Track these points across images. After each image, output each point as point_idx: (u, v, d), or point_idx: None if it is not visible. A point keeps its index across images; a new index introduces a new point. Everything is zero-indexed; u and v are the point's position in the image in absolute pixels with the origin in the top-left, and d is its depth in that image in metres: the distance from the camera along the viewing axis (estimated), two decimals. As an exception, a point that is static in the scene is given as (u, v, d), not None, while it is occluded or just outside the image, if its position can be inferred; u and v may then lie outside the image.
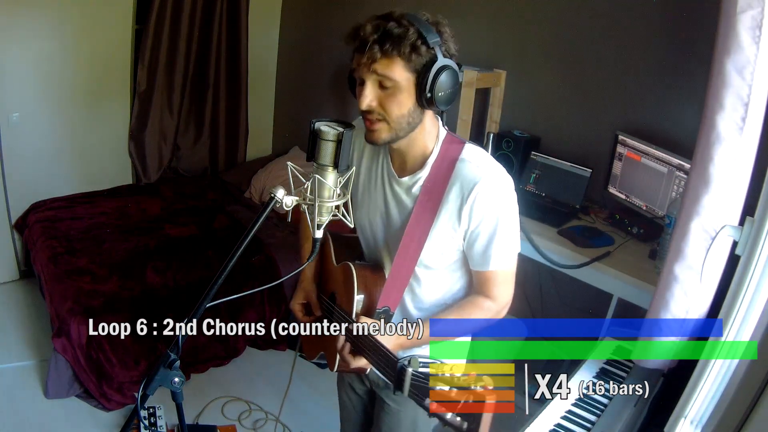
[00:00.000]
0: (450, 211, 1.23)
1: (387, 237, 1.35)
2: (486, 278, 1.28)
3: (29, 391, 2.55)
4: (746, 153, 1.34)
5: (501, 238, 1.23)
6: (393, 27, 1.11)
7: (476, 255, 1.26)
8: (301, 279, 1.51)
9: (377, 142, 1.21)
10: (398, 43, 1.10)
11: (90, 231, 3.15)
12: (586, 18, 2.57)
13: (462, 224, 1.23)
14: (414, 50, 1.11)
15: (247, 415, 2.57)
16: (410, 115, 1.17)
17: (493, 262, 1.25)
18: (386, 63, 1.12)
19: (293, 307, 1.50)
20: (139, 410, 1.14)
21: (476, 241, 1.24)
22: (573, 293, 2.60)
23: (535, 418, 1.45)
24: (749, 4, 1.24)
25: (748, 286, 1.26)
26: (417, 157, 1.26)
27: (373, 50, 1.11)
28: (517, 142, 2.76)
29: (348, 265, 1.34)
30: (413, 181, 1.27)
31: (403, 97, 1.15)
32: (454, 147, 1.25)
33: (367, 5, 3.37)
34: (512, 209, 1.25)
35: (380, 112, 1.17)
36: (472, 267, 1.29)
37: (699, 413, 1.40)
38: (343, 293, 1.38)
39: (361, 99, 1.16)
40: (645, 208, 2.39)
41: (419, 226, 1.25)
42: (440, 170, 1.24)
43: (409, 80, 1.14)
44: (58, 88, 3.32)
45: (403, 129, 1.19)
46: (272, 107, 4.31)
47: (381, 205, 1.33)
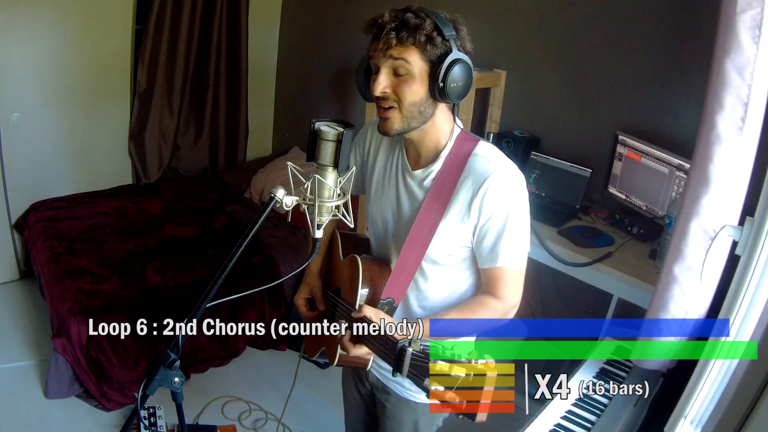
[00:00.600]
0: (460, 205, 1.23)
1: (397, 230, 1.34)
2: (494, 276, 1.27)
3: (29, 391, 2.55)
4: (746, 153, 1.34)
5: (510, 234, 1.23)
6: (410, 17, 1.14)
7: (485, 251, 1.25)
8: (306, 274, 1.51)
9: (390, 132, 1.22)
10: (414, 32, 1.13)
11: (90, 231, 3.15)
12: (586, 18, 2.57)
13: (471, 218, 1.23)
14: (429, 40, 1.14)
15: (247, 415, 2.57)
16: (422, 104, 1.19)
17: (502, 258, 1.24)
18: (401, 49, 1.14)
19: (297, 301, 1.50)
20: (139, 410, 1.14)
21: (485, 237, 1.24)
22: (573, 293, 2.61)
23: (535, 418, 1.45)
24: (749, 4, 1.24)
25: (748, 286, 1.26)
26: (430, 151, 1.27)
27: (389, 36, 1.13)
28: (517, 142, 2.76)
29: (355, 258, 1.35)
30: (426, 173, 1.27)
31: (417, 85, 1.17)
32: (468, 143, 1.26)
33: (367, 5, 3.38)
34: (523, 206, 1.25)
35: (393, 99, 1.18)
36: (480, 265, 1.28)
37: (699, 413, 1.40)
38: (348, 287, 1.38)
39: (375, 85, 1.17)
40: (645, 208, 2.40)
41: (428, 219, 1.25)
42: (453, 164, 1.24)
43: (423, 69, 1.16)
44: (58, 88, 3.32)
45: (415, 118, 1.20)
46: (272, 107, 4.31)
47: (393, 197, 1.34)
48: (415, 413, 1.44)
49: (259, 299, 2.85)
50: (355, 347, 1.22)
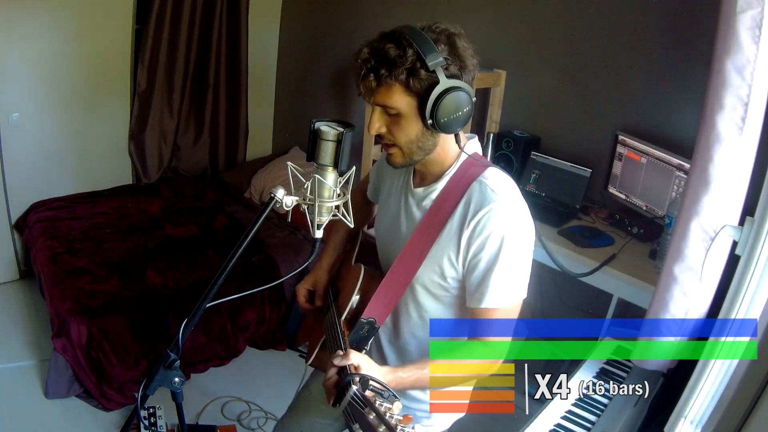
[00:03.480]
0: (453, 231, 1.16)
1: (394, 248, 1.30)
2: (479, 316, 1.16)
3: (29, 391, 2.55)
4: (746, 153, 1.34)
5: (501, 272, 1.13)
6: (390, 50, 1.05)
7: (471, 286, 1.16)
8: (316, 266, 1.48)
9: (394, 165, 1.20)
10: (393, 69, 1.05)
11: (90, 231, 3.14)
12: (585, 18, 2.57)
13: (462, 246, 1.15)
14: (411, 74, 1.06)
15: (247, 415, 2.57)
16: (419, 139, 1.14)
17: (490, 297, 1.14)
18: (384, 91, 1.09)
19: (298, 289, 1.48)
20: (139, 410, 1.14)
21: (474, 270, 1.15)
22: (573, 293, 2.60)
23: (535, 418, 1.45)
24: (749, 4, 1.24)
25: (748, 286, 1.26)
26: (436, 171, 1.23)
27: (368, 79, 1.08)
28: (517, 142, 2.76)
29: (359, 266, 1.35)
30: (426, 193, 1.23)
31: (408, 124, 1.11)
32: (476, 168, 1.19)
33: (366, 5, 3.38)
34: (522, 243, 1.14)
35: (389, 138, 1.15)
36: (468, 303, 1.18)
37: (699, 413, 1.40)
38: (345, 292, 1.38)
39: (369, 125, 1.14)
40: (645, 208, 2.39)
41: (421, 240, 1.20)
42: (456, 186, 1.19)
43: (411, 105, 1.09)
44: (58, 88, 3.32)
45: (415, 153, 1.16)
46: (272, 107, 4.31)
47: (395, 215, 1.31)
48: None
49: (259, 299, 2.84)
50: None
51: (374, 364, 1.12)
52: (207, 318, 2.63)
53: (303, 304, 1.48)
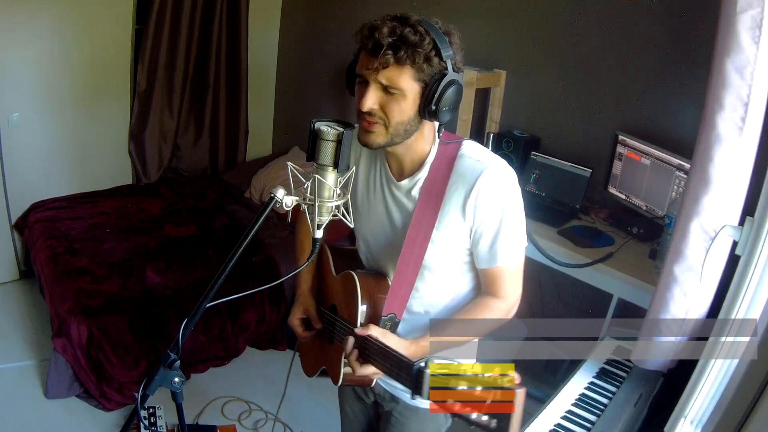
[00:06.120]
0: (454, 209, 1.21)
1: (389, 244, 1.32)
2: (494, 276, 1.26)
3: (29, 391, 2.55)
4: (746, 153, 1.34)
5: (507, 232, 1.21)
6: (409, 33, 1.08)
7: (482, 252, 1.24)
8: (298, 294, 1.47)
9: (371, 145, 1.18)
10: (413, 52, 1.08)
11: (90, 231, 3.15)
12: (586, 18, 2.57)
13: (467, 221, 1.21)
14: (427, 61, 1.10)
15: (247, 415, 2.57)
16: (409, 122, 1.16)
17: (501, 257, 1.23)
18: (396, 70, 1.10)
19: (291, 323, 1.46)
20: (139, 410, 1.13)
21: (482, 238, 1.22)
22: (573, 293, 2.60)
23: (535, 418, 1.45)
24: (749, 4, 1.24)
25: (748, 286, 1.26)
26: (415, 161, 1.25)
27: (386, 56, 1.08)
28: (517, 142, 2.76)
29: (350, 273, 1.32)
30: (412, 183, 1.25)
31: (406, 105, 1.13)
32: (451, 146, 1.23)
33: (366, 5, 3.37)
34: (517, 202, 1.22)
35: (380, 116, 1.15)
36: (479, 265, 1.27)
37: (699, 413, 1.40)
38: (345, 304, 1.35)
39: (362, 100, 1.14)
40: (645, 208, 2.39)
41: (422, 228, 1.23)
42: (439, 170, 1.22)
43: (415, 90, 1.12)
44: (58, 88, 3.32)
45: (399, 135, 1.17)
46: (272, 107, 4.31)
47: (382, 211, 1.32)
48: (422, 421, 1.43)
49: (259, 299, 2.85)
50: (362, 366, 1.20)
51: (395, 336, 1.22)
52: (207, 318, 2.63)
53: (302, 333, 1.46)
